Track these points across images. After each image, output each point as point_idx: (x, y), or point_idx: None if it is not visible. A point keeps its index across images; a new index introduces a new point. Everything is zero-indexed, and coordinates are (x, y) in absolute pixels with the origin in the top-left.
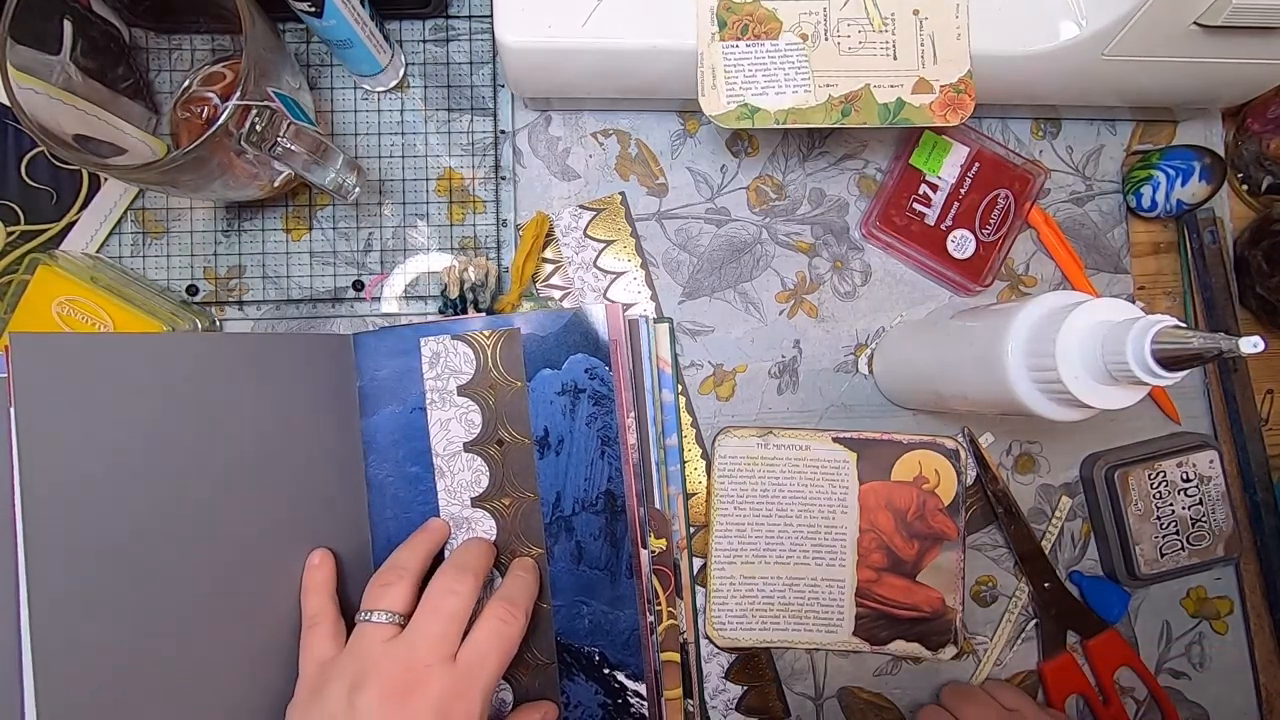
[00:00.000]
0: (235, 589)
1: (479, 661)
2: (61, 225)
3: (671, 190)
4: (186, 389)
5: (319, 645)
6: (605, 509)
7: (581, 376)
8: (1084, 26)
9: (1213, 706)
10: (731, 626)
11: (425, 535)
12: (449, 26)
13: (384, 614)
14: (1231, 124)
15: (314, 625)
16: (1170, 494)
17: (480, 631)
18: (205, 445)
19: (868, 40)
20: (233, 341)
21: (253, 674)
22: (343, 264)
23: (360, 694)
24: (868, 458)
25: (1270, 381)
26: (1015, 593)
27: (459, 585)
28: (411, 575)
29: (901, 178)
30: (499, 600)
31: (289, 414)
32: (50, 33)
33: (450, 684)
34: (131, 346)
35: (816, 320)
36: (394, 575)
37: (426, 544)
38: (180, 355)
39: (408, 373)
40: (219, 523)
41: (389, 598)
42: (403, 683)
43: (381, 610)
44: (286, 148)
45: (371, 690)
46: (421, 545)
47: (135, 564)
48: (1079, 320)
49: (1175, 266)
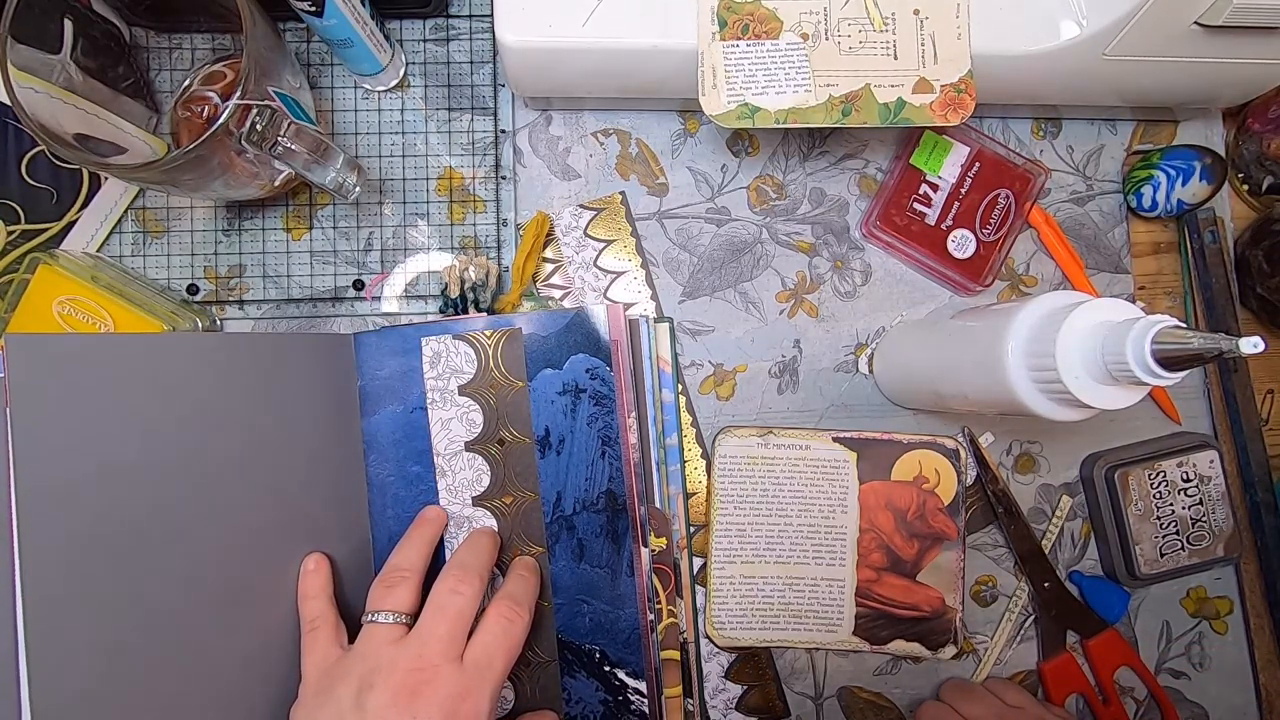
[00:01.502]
0: (234, 589)
1: (486, 662)
2: (62, 224)
3: (672, 190)
4: (185, 389)
5: (321, 648)
6: (606, 508)
7: (583, 376)
8: (1084, 26)
9: (1212, 706)
10: (731, 626)
11: (423, 529)
12: (449, 26)
13: (390, 614)
14: (1232, 124)
15: (314, 629)
16: (1170, 494)
17: (486, 632)
18: (204, 445)
19: (868, 40)
20: (232, 341)
21: (252, 673)
22: (343, 263)
23: (369, 694)
24: (868, 457)
25: (1270, 381)
26: (1015, 593)
27: (463, 586)
28: (415, 574)
29: (902, 177)
30: (503, 599)
31: (289, 414)
32: (51, 32)
33: (458, 684)
34: (128, 347)
35: (817, 320)
36: (397, 576)
37: (425, 538)
38: (178, 355)
39: (409, 372)
40: (218, 523)
41: (394, 598)
42: (412, 683)
43: (387, 611)
44: (287, 147)
45: (381, 691)
46: (421, 541)
47: (132, 564)
48: (1079, 320)
49: (1176, 266)
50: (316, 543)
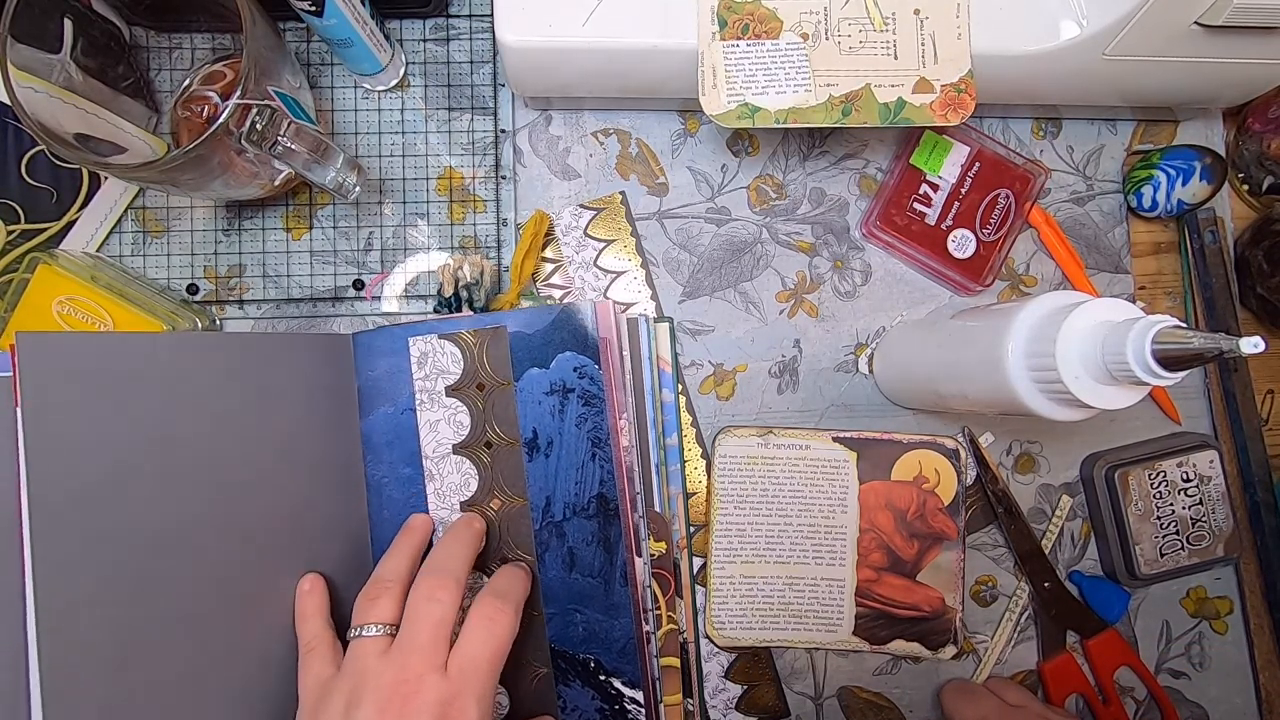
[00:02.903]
0: (237, 588)
1: (471, 668)
2: (62, 224)
3: (672, 190)
4: (190, 387)
5: (316, 668)
6: (598, 513)
7: (570, 376)
8: (1085, 26)
9: (1212, 706)
10: (731, 626)
11: (408, 538)
12: (449, 26)
13: (374, 627)
14: (1232, 124)
15: (310, 651)
16: (1170, 494)
17: (468, 635)
18: (208, 443)
19: (868, 40)
20: (239, 340)
21: (256, 678)
22: (343, 263)
23: (357, 711)
24: (868, 457)
25: (1270, 381)
26: (1015, 592)
27: (440, 592)
28: (398, 584)
29: (902, 177)
30: (485, 597)
31: (292, 413)
32: (51, 31)
33: (444, 691)
34: (136, 345)
35: (817, 320)
36: (380, 588)
37: (410, 547)
38: (184, 354)
39: (398, 373)
40: (224, 521)
41: (377, 610)
42: (398, 696)
43: (372, 624)
44: (287, 147)
45: (368, 707)
46: (405, 550)
47: (139, 564)
48: (1079, 320)
49: (1176, 266)
50: (318, 543)
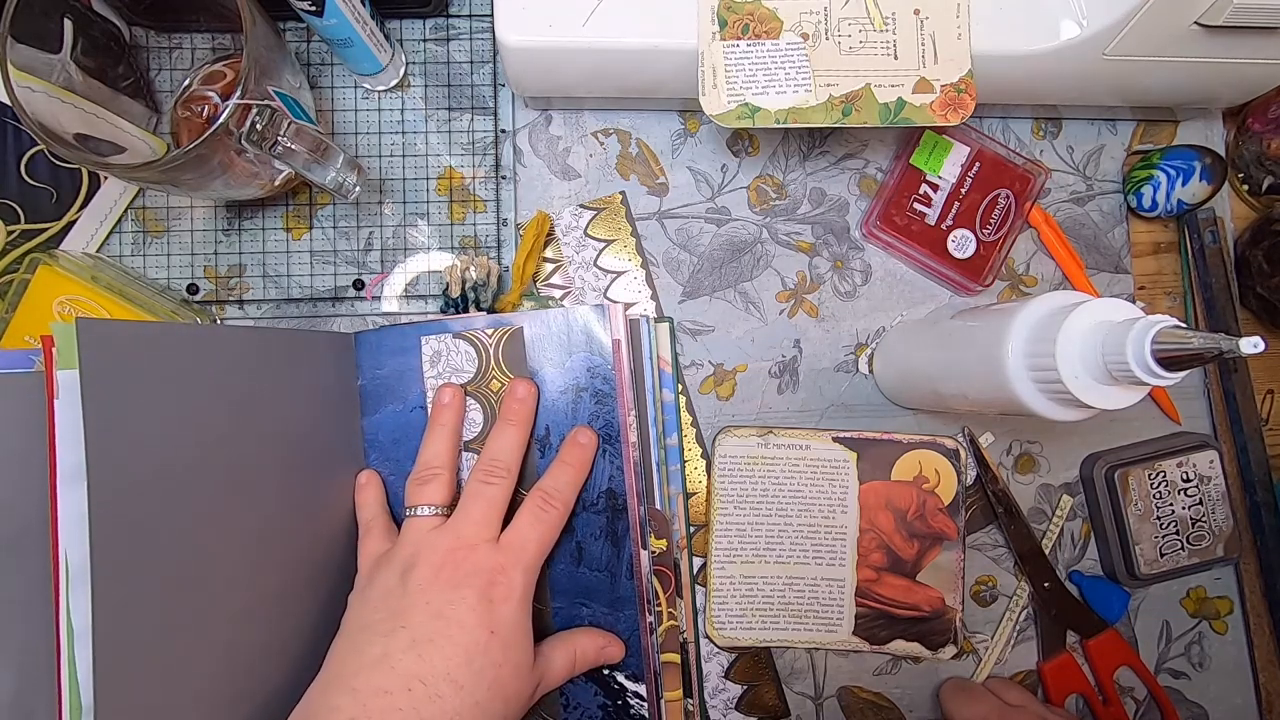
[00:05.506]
0: (247, 592)
1: (519, 543)
2: (62, 224)
3: (672, 190)
4: (231, 378)
5: (373, 544)
6: (606, 508)
7: (583, 375)
8: (1085, 26)
9: (1212, 706)
10: (731, 626)
11: (442, 416)
12: (449, 26)
13: (427, 508)
14: (1232, 124)
15: (368, 531)
16: (1170, 494)
17: (519, 520)
18: (242, 437)
19: (869, 40)
20: (270, 335)
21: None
22: (343, 263)
23: (411, 574)
24: (868, 457)
25: (1270, 381)
26: (1015, 593)
27: (493, 478)
28: (446, 469)
29: (902, 177)
30: (537, 491)
31: (303, 409)
32: (51, 31)
33: (494, 560)
34: (185, 336)
35: (817, 320)
36: (430, 473)
37: (448, 427)
38: (227, 346)
39: (408, 371)
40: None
41: (429, 493)
42: (451, 560)
43: (424, 505)
44: (287, 146)
45: (422, 569)
46: (444, 432)
47: (192, 551)
48: (1079, 320)
49: (1176, 266)
50: (319, 537)
